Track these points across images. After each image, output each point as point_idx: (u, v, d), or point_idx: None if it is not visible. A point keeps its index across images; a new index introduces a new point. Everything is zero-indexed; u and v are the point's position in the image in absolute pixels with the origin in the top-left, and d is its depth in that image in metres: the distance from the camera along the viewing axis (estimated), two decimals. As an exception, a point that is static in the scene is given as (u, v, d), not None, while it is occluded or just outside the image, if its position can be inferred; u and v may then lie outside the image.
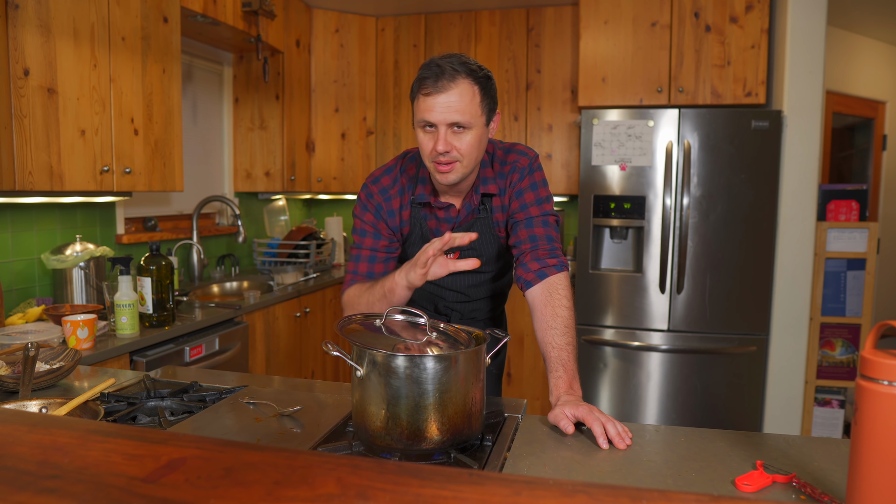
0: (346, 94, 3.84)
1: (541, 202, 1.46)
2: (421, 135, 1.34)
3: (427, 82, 1.29)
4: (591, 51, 3.31)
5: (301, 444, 1.12)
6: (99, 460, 0.47)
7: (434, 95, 1.28)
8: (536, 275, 1.39)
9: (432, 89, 1.28)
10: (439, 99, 1.28)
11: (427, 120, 1.30)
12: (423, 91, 1.30)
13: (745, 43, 3.12)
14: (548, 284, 1.38)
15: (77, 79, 2.06)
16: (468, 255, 1.52)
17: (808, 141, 2.95)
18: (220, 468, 0.45)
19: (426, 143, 1.33)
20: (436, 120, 1.29)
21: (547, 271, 1.39)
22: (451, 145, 1.31)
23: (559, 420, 1.18)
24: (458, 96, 1.28)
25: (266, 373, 2.82)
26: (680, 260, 3.00)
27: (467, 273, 1.56)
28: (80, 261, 2.26)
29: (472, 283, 1.60)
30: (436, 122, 1.30)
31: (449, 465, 1.04)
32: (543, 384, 3.54)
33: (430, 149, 1.32)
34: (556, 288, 1.37)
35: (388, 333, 1.16)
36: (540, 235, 1.43)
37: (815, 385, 3.10)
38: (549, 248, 1.42)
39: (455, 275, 1.55)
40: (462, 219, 1.48)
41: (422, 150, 1.36)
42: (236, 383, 1.47)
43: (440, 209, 1.48)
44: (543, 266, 1.39)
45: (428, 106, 1.29)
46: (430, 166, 1.36)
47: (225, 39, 3.18)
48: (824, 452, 1.11)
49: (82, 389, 1.43)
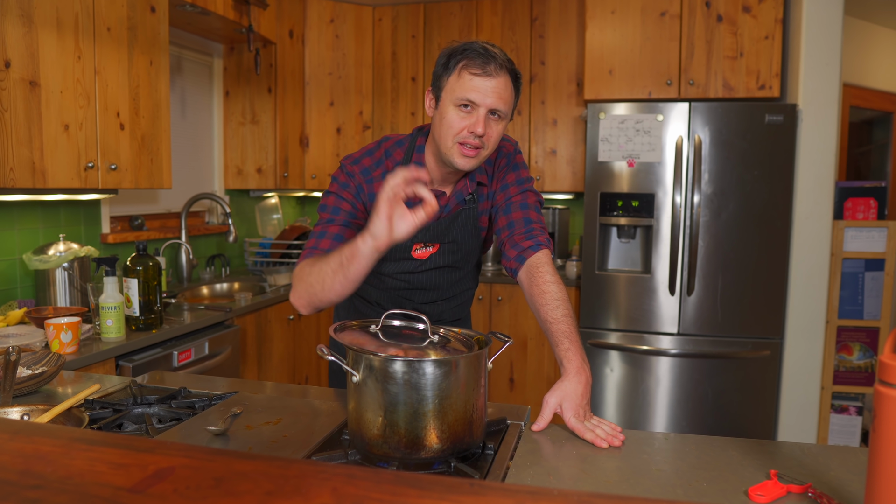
0: (342, 87, 3.84)
1: (521, 182, 1.52)
2: (453, 112, 1.35)
3: (476, 63, 1.32)
4: (598, 42, 3.31)
5: (294, 452, 1.12)
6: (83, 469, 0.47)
7: (482, 77, 1.32)
8: (516, 260, 1.45)
9: (481, 71, 1.32)
10: (488, 83, 1.32)
11: (471, 99, 1.32)
12: (472, 70, 1.32)
13: (759, 33, 3.12)
14: (528, 266, 1.43)
15: (60, 71, 2.06)
16: (449, 248, 1.52)
17: (824, 136, 2.95)
18: (210, 478, 0.45)
19: (457, 122, 1.34)
20: (481, 102, 1.32)
21: (524, 254, 1.44)
22: (485, 131, 1.34)
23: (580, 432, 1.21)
24: (504, 86, 1.33)
25: (258, 378, 2.82)
26: (690, 260, 3.00)
27: (441, 270, 1.56)
28: (64, 261, 2.26)
29: (447, 280, 1.59)
30: (480, 104, 1.32)
31: (449, 475, 1.04)
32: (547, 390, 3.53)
33: (462, 128, 1.34)
34: (536, 267, 1.41)
35: (385, 337, 1.16)
36: (517, 220, 1.48)
37: (831, 391, 3.10)
38: (524, 230, 1.47)
39: (428, 272, 1.55)
40: (450, 209, 1.50)
41: (448, 128, 1.36)
42: (227, 389, 1.47)
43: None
44: (521, 251, 1.44)
45: (475, 86, 1.32)
46: (453, 148, 1.36)
47: (215, 30, 3.19)
48: (841, 461, 1.11)
49: (66, 396, 1.43)
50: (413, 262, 1.53)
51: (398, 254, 1.51)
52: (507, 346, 1.21)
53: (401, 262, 1.53)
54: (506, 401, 3.50)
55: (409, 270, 1.54)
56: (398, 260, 1.52)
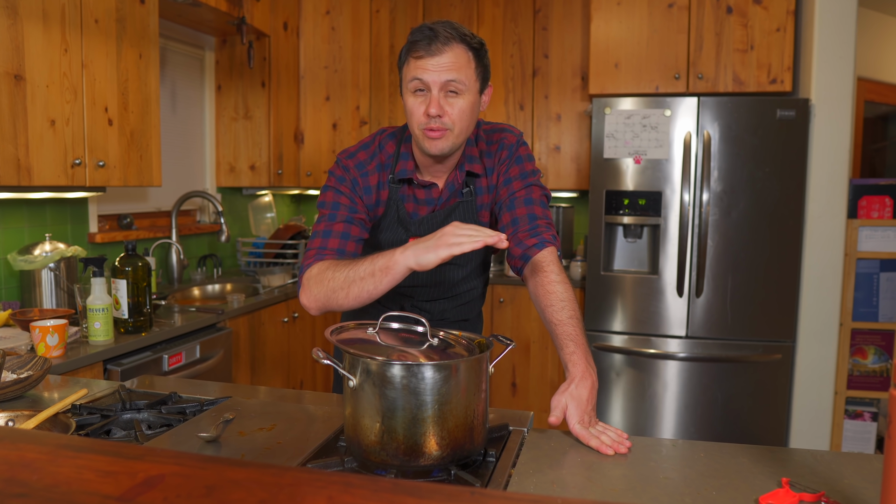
0: (338, 81, 3.84)
1: (525, 175, 1.50)
2: (410, 100, 1.36)
3: (419, 45, 1.32)
4: (603, 34, 3.32)
5: (289, 459, 1.12)
6: (70, 477, 0.47)
7: (427, 58, 1.32)
8: (521, 259, 1.44)
9: (425, 52, 1.32)
10: (433, 61, 1.31)
11: (419, 78, 1.32)
12: (416, 53, 1.32)
13: (770, 26, 3.12)
14: (533, 265, 1.42)
15: (46, 65, 2.06)
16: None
17: (837, 131, 2.95)
18: (202, 486, 0.45)
19: (416, 108, 1.35)
20: (429, 80, 1.32)
21: (529, 252, 1.43)
22: (443, 109, 1.33)
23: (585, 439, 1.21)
24: (453, 58, 1.32)
25: (251, 383, 2.82)
26: (699, 260, 3.00)
27: (442, 267, 1.54)
28: (50, 261, 2.26)
29: (449, 278, 1.58)
30: (428, 82, 1.32)
31: (449, 483, 1.04)
32: (551, 395, 3.53)
33: (421, 113, 1.35)
34: (541, 266, 1.40)
35: (382, 340, 1.16)
36: (521, 216, 1.47)
37: (845, 396, 3.11)
38: (529, 227, 1.45)
39: (429, 270, 1.54)
40: (444, 201, 1.50)
41: (411, 116, 1.37)
42: (219, 394, 1.47)
43: (421, 188, 1.49)
44: (525, 249, 1.44)
45: (421, 65, 1.32)
46: (419, 134, 1.37)
47: (206, 22, 3.19)
48: (855, 469, 1.11)
49: (52, 401, 1.43)
50: None
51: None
52: (509, 349, 1.21)
53: None
54: (508, 406, 3.51)
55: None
56: None
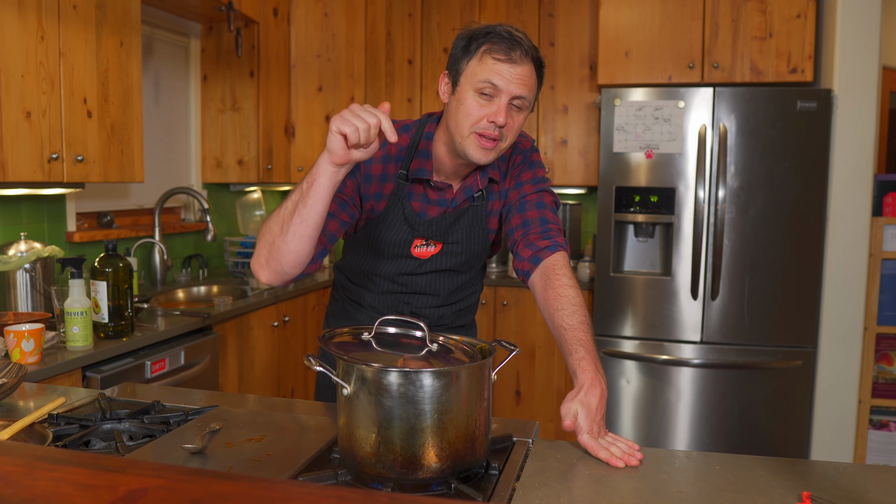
0: (331, 71, 3.84)
1: (537, 181, 1.54)
2: (472, 99, 1.36)
3: (500, 48, 1.34)
4: (613, 21, 3.31)
5: (279, 472, 1.12)
6: (47, 491, 0.47)
7: (507, 63, 1.33)
8: (531, 261, 1.45)
9: (505, 57, 1.33)
10: (513, 69, 1.33)
11: (494, 83, 1.33)
12: (495, 55, 1.34)
13: (790, 12, 3.12)
14: (544, 268, 1.43)
15: (21, 53, 2.06)
16: (452, 248, 1.53)
17: (861, 124, 2.95)
18: (187, 500, 0.45)
19: (476, 110, 1.36)
20: (504, 88, 1.34)
21: (540, 255, 1.44)
22: (506, 120, 1.35)
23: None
24: (528, 74, 1.36)
25: (239, 391, 2.82)
26: (715, 261, 3.00)
27: (443, 274, 1.57)
28: (26, 262, 2.26)
29: (449, 285, 1.60)
30: (503, 91, 1.34)
31: (449, 497, 1.04)
32: (557, 403, 3.53)
33: (481, 117, 1.36)
34: (553, 269, 1.41)
35: (379, 346, 1.16)
36: (532, 219, 1.49)
37: (869, 405, 3.11)
38: (541, 230, 1.47)
39: (428, 275, 1.56)
40: (458, 203, 1.51)
41: (466, 116, 1.37)
42: (205, 403, 1.47)
43: (436, 190, 1.50)
44: (536, 251, 1.45)
45: (499, 70, 1.33)
46: (469, 139, 1.37)
47: (191, 8, 3.19)
48: (880, 482, 1.11)
49: (28, 410, 1.43)
50: (412, 262, 1.53)
51: (396, 250, 1.51)
52: (512, 355, 1.21)
53: (398, 260, 1.53)
54: (511, 415, 3.50)
55: (408, 272, 1.54)
56: (395, 258, 1.52)
